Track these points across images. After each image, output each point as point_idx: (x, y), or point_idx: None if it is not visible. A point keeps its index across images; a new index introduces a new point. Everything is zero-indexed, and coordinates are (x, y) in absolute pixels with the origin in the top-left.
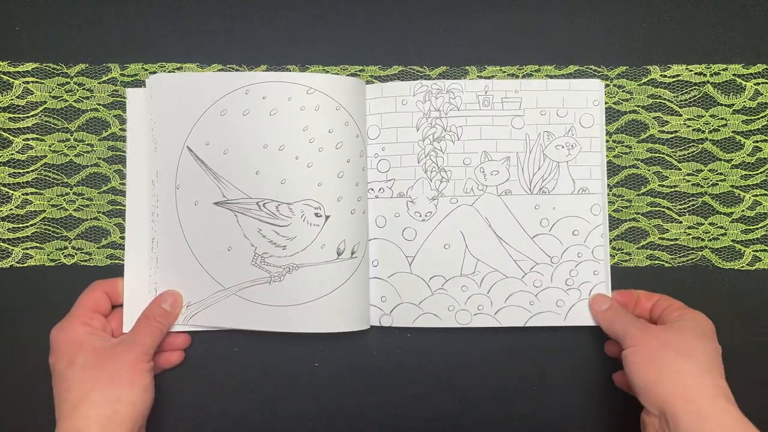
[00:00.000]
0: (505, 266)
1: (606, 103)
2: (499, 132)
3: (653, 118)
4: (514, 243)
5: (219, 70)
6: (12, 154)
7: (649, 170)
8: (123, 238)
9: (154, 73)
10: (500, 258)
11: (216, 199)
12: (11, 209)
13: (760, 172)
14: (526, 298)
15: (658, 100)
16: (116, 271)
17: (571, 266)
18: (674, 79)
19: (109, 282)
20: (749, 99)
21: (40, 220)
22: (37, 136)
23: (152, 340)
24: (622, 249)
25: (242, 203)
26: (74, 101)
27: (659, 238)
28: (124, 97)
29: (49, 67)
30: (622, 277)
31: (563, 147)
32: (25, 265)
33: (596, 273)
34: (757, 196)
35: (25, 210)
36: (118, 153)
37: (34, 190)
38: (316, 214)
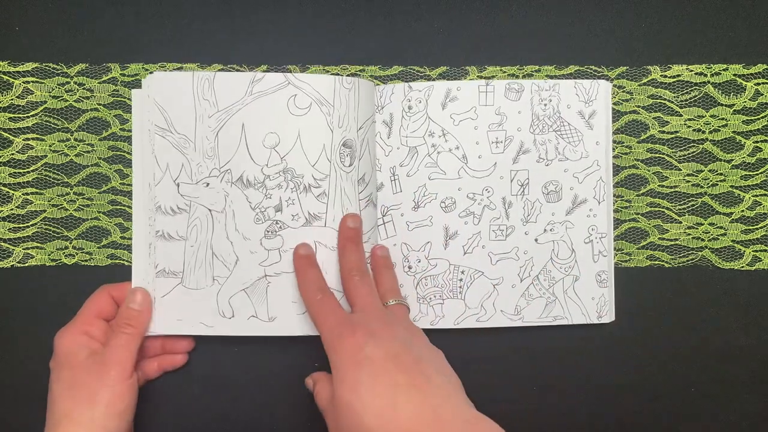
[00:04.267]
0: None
1: None
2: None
3: (653, 118)
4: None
5: (219, 70)
6: (12, 154)
7: (649, 170)
8: (124, 238)
9: (152, 72)
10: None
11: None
12: (12, 209)
13: (761, 173)
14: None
15: (659, 101)
16: (117, 270)
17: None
18: (674, 80)
19: (117, 286)
20: (749, 99)
21: (40, 220)
22: (38, 135)
23: (128, 353)
24: (622, 249)
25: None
26: (74, 101)
27: (659, 238)
28: (125, 97)
29: (49, 66)
30: (622, 278)
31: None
32: (26, 265)
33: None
34: (757, 196)
35: (25, 210)
36: (118, 153)
37: (34, 190)
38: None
